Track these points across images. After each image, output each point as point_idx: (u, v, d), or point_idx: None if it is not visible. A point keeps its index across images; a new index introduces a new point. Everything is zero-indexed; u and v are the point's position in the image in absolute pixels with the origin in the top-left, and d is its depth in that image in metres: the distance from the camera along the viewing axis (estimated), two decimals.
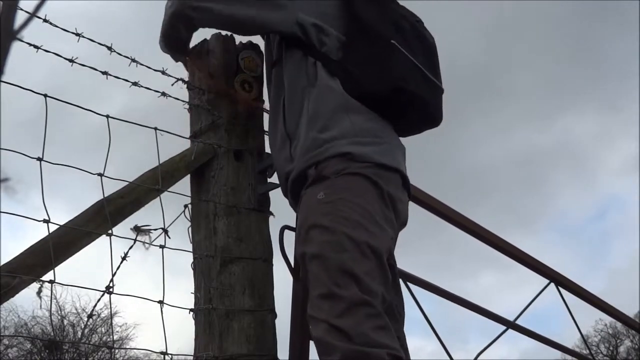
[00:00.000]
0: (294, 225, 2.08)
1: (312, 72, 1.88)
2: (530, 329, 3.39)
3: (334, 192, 1.72)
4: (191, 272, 2.05)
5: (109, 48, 1.91)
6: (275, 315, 2.03)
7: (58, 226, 1.72)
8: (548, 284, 3.34)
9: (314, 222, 1.71)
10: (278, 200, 2.13)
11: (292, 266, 2.04)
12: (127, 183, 1.89)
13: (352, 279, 1.60)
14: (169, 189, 1.98)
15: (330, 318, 1.58)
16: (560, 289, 3.41)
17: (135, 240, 1.91)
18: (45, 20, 1.77)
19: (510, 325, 3.15)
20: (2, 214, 1.55)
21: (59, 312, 20.46)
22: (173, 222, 2.01)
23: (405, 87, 1.85)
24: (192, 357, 1.97)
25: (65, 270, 1.75)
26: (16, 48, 1.67)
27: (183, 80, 2.14)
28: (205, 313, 1.95)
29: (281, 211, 2.14)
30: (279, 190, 2.09)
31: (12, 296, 1.64)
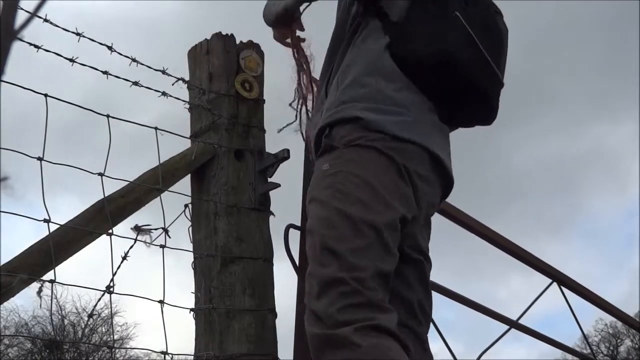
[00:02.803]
0: (299, 224, 2.07)
1: (359, 30, 1.78)
2: (533, 329, 3.39)
3: (338, 165, 1.62)
4: (192, 271, 2.05)
5: (109, 48, 1.91)
6: (275, 315, 2.03)
7: (58, 226, 1.72)
8: (550, 283, 3.35)
9: (313, 196, 1.64)
10: (278, 200, 2.13)
11: (297, 265, 2.04)
12: (128, 182, 1.89)
13: (333, 257, 1.50)
14: (169, 189, 1.98)
15: (309, 301, 1.51)
16: (563, 288, 3.41)
17: (135, 239, 1.91)
18: (45, 20, 1.77)
19: (513, 324, 3.15)
20: (2, 213, 1.55)
21: (60, 311, 20.45)
22: (173, 221, 2.02)
23: (453, 59, 1.68)
24: (192, 357, 1.97)
25: (65, 270, 1.75)
26: (57, 60, 1.71)
27: (183, 80, 2.14)
28: (206, 313, 1.95)
29: (282, 211, 2.14)
30: (279, 190, 2.09)
31: (13, 296, 1.64)
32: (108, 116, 1.84)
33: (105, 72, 1.88)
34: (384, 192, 1.59)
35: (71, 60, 1.81)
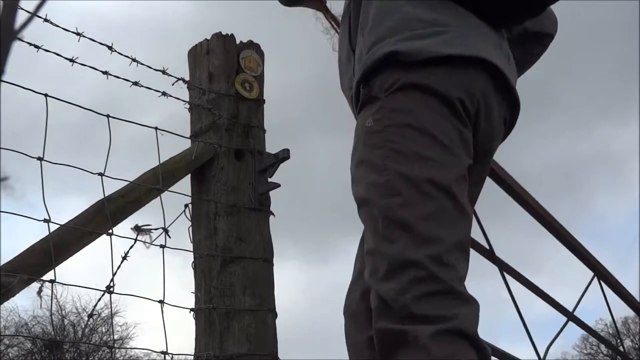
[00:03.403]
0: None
1: None
2: (587, 324, 3.32)
3: (384, 117, 1.38)
4: (192, 271, 2.05)
5: (110, 48, 1.91)
6: (275, 315, 2.03)
7: (58, 226, 1.72)
8: (593, 277, 3.25)
9: (360, 157, 1.41)
10: (279, 200, 2.13)
11: None
12: (128, 182, 1.89)
13: (404, 230, 1.29)
14: (169, 189, 1.98)
15: (374, 282, 1.31)
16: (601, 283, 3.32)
17: (135, 239, 1.91)
18: (45, 20, 1.77)
19: (570, 316, 3.05)
20: (2, 213, 1.56)
21: (60, 311, 20.46)
22: (174, 221, 2.02)
23: None
24: (192, 357, 1.97)
25: (65, 270, 1.75)
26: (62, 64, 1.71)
27: (183, 80, 2.14)
28: (206, 313, 1.95)
29: (282, 211, 2.14)
30: (279, 190, 2.09)
31: (13, 296, 1.64)
32: (108, 116, 1.84)
33: (105, 72, 1.88)
34: (446, 139, 1.35)
35: (71, 60, 1.81)
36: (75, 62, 1.82)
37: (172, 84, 2.08)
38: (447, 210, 1.32)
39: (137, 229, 1.93)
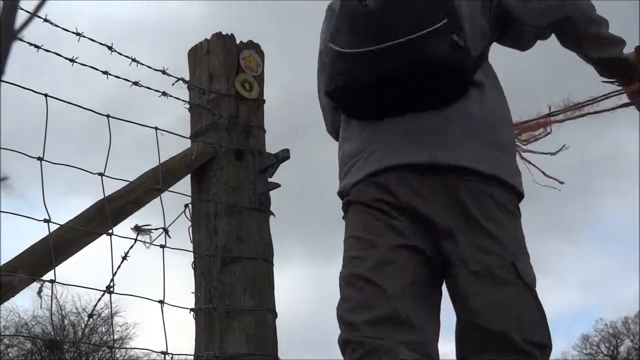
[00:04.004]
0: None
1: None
2: None
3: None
4: (192, 271, 2.05)
5: (110, 48, 1.91)
6: (275, 315, 2.03)
7: (59, 226, 1.72)
8: None
9: None
10: (279, 200, 2.14)
11: None
12: (128, 182, 1.89)
13: (340, 322, 1.57)
14: (169, 189, 1.99)
15: None
16: None
17: (135, 239, 1.91)
18: (45, 20, 1.77)
19: None
20: (2, 213, 1.56)
21: (60, 311, 20.45)
22: (174, 221, 2.02)
23: (335, 86, 1.64)
24: (192, 357, 1.98)
25: (65, 270, 1.75)
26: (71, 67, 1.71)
27: (184, 80, 2.14)
28: (206, 313, 1.95)
29: (282, 211, 2.15)
30: (279, 190, 2.09)
31: (13, 295, 1.65)
32: (108, 116, 1.84)
33: (105, 72, 1.88)
34: (368, 235, 1.60)
35: (71, 60, 1.81)
36: (75, 62, 1.82)
37: (172, 84, 2.09)
38: (370, 294, 1.56)
39: (137, 229, 1.94)
